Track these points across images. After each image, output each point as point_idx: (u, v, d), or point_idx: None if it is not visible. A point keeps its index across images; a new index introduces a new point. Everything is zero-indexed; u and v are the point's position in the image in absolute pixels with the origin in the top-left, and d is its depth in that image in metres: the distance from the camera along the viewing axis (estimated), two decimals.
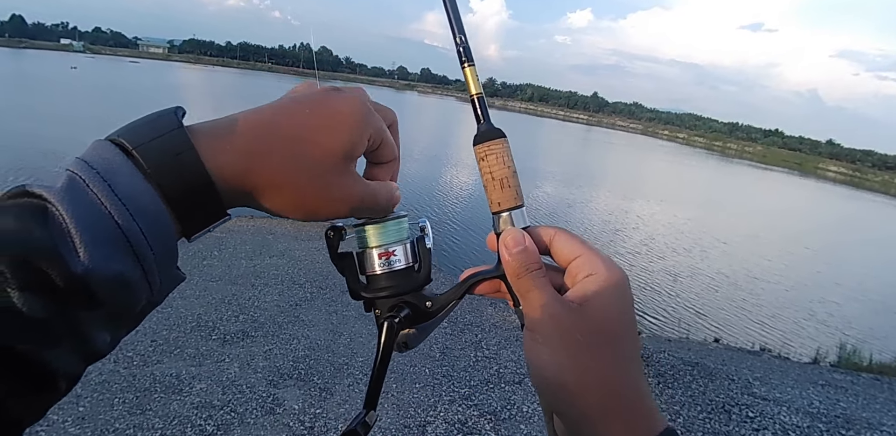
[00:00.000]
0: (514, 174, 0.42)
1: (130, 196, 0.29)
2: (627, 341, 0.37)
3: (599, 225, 12.73)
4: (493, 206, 0.42)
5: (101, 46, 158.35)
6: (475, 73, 0.43)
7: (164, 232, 0.30)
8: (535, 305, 0.38)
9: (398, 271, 0.43)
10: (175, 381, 3.34)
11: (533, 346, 0.37)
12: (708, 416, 3.82)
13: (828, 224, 23.49)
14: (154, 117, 0.32)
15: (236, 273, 5.34)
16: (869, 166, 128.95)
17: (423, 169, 15.58)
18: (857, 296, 10.43)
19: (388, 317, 0.42)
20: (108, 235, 0.27)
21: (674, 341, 6.07)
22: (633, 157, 46.90)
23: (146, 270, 0.29)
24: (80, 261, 0.26)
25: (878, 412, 4.24)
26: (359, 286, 0.44)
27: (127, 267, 0.28)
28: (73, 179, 0.28)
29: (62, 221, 0.26)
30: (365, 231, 0.44)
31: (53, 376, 0.27)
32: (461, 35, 0.42)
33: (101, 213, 0.28)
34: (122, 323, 0.31)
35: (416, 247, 0.44)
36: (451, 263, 7.49)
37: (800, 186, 51.32)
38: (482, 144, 0.42)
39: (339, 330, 4.35)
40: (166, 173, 0.30)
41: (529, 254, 0.39)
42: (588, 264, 0.38)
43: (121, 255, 0.28)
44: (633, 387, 0.37)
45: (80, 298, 0.27)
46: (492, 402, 3.62)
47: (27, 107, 18.92)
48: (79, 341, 0.28)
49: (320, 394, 3.42)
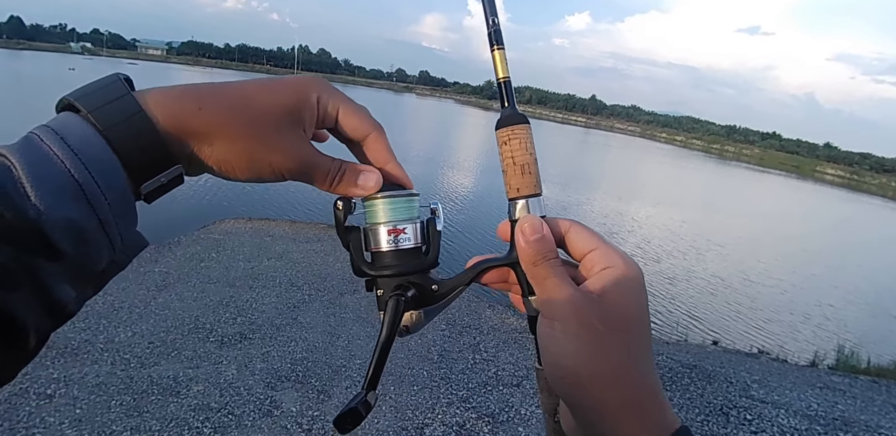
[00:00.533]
0: (535, 161, 0.42)
1: (82, 147, 0.30)
2: (644, 334, 0.37)
3: (596, 228, 12.73)
4: (510, 192, 0.41)
5: (100, 48, 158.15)
6: (504, 57, 0.42)
7: (117, 180, 0.31)
8: (554, 293, 0.37)
9: (405, 250, 0.42)
10: (172, 383, 3.33)
11: (551, 334, 0.37)
12: (706, 419, 3.82)
13: (825, 227, 23.55)
14: (102, 83, 0.34)
15: (234, 275, 5.33)
16: (866, 169, 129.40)
17: (422, 171, 15.61)
18: (854, 299, 10.45)
19: (396, 294, 0.40)
20: (61, 181, 0.28)
21: (672, 343, 6.07)
22: (631, 159, 46.99)
23: (102, 220, 0.30)
24: (31, 204, 0.27)
25: (876, 415, 4.24)
26: (363, 262, 0.42)
27: (81, 214, 0.29)
28: (29, 136, 0.30)
29: (14, 169, 0.27)
30: (375, 205, 0.42)
31: (16, 323, 0.27)
32: (493, 17, 0.41)
33: (52, 161, 0.29)
34: (85, 279, 0.31)
35: (426, 227, 0.43)
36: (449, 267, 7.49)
37: (797, 188, 51.46)
38: (506, 128, 0.41)
39: (337, 332, 4.34)
40: (118, 131, 0.32)
41: (547, 242, 0.39)
42: (605, 257, 0.38)
43: (74, 201, 0.29)
44: (649, 381, 0.36)
45: (36, 243, 0.27)
46: (490, 404, 3.61)
47: (25, 108, 18.88)
48: (40, 289, 0.28)
49: (318, 396, 3.41)
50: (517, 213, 0.41)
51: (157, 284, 4.83)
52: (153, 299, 4.52)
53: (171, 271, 5.17)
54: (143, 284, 4.80)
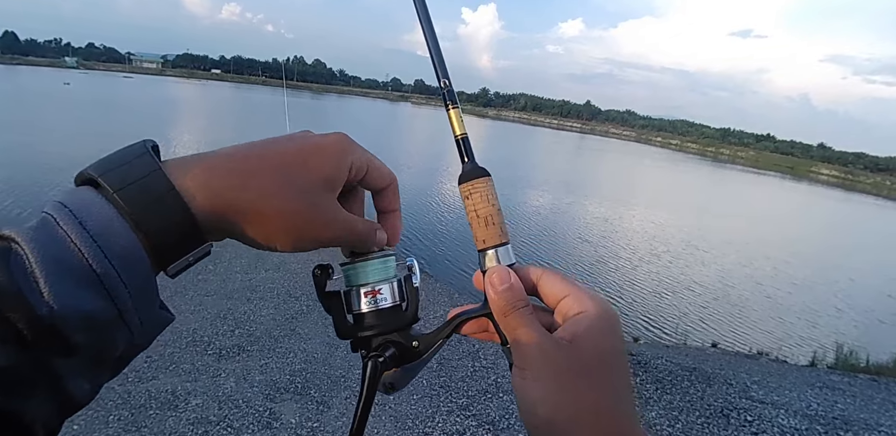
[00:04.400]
0: (499, 212, 0.43)
1: (101, 233, 0.28)
2: (619, 375, 0.37)
3: (593, 233, 12.76)
4: (478, 243, 0.42)
5: (95, 62, 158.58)
6: (459, 115, 0.44)
7: (140, 269, 0.29)
8: (525, 341, 0.37)
9: (385, 310, 0.43)
10: (171, 397, 3.32)
11: (523, 384, 0.36)
12: (707, 421, 3.81)
13: (822, 226, 23.61)
14: (128, 156, 0.32)
15: (232, 287, 5.32)
16: (861, 169, 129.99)
17: (417, 181, 15.65)
18: (852, 297, 10.46)
19: (373, 356, 0.41)
20: (76, 273, 0.27)
21: (671, 346, 6.07)
22: (626, 164, 47.13)
23: (121, 310, 0.28)
24: (44, 301, 0.25)
25: (876, 413, 4.24)
26: (345, 325, 0.44)
27: (98, 306, 0.27)
28: (45, 219, 0.28)
29: (26, 261, 0.26)
30: (352, 269, 0.43)
31: (29, 429, 0.26)
32: (445, 79, 0.43)
33: (68, 250, 0.27)
34: (102, 369, 0.30)
35: (402, 286, 0.44)
36: (451, 276, 7.50)
37: (793, 189, 51.64)
38: (467, 183, 0.43)
39: (335, 343, 4.33)
40: (146, 213, 0.30)
41: (515, 291, 0.39)
42: (577, 303, 0.38)
43: (91, 293, 0.27)
44: (627, 422, 0.35)
45: (51, 342, 0.26)
46: (490, 412, 3.61)
47: (20, 123, 18.90)
48: (54, 390, 0.27)
49: (317, 407, 3.40)
50: (486, 263, 0.42)
51: None
52: None
53: (167, 284, 5.15)
54: None
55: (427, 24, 0.43)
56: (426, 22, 0.43)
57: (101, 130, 17.78)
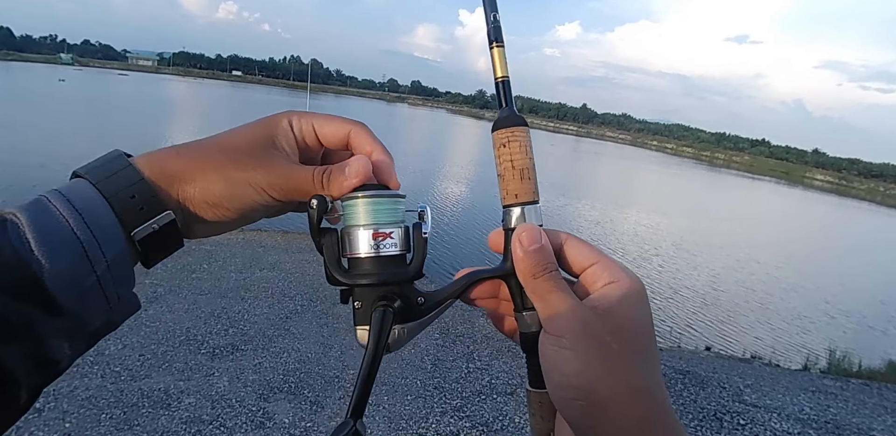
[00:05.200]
0: (534, 168, 0.39)
1: (85, 209, 0.32)
2: (653, 351, 0.35)
3: (585, 235, 12.79)
4: (507, 198, 0.38)
5: (90, 59, 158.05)
6: (503, 55, 0.39)
7: (117, 241, 0.33)
8: (559, 308, 0.34)
9: (387, 257, 0.37)
10: (163, 396, 3.30)
11: (558, 352, 0.34)
12: (700, 424, 3.83)
13: (816, 231, 23.76)
14: (107, 160, 0.36)
15: (226, 286, 5.30)
16: (855, 175, 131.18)
17: (411, 180, 15.64)
18: (844, 302, 10.52)
19: (382, 305, 0.36)
20: (63, 238, 0.30)
21: (665, 349, 6.08)
22: (621, 167, 47.30)
23: (100, 277, 0.32)
24: (35, 258, 0.29)
25: (868, 417, 4.27)
26: (339, 270, 0.38)
27: (81, 270, 0.30)
28: (39, 198, 0.32)
29: (20, 226, 0.29)
30: (355, 205, 0.38)
31: (8, 375, 0.27)
32: (494, 12, 0.39)
33: (57, 220, 0.30)
34: (80, 337, 0.32)
35: (410, 233, 0.39)
36: (439, 276, 7.49)
37: (787, 195, 51.96)
38: (505, 129, 0.38)
39: (329, 342, 4.32)
40: (110, 184, 0.34)
41: (547, 253, 0.36)
42: (607, 272, 0.36)
43: (76, 258, 0.30)
44: (662, 400, 0.34)
45: (37, 296, 0.28)
46: (484, 413, 3.60)
47: (14, 121, 18.79)
48: (35, 343, 0.28)
49: (311, 407, 3.39)
50: (513, 221, 0.38)
51: (148, 296, 4.79)
52: (144, 311, 4.48)
53: (161, 283, 5.13)
54: None
55: None
56: None
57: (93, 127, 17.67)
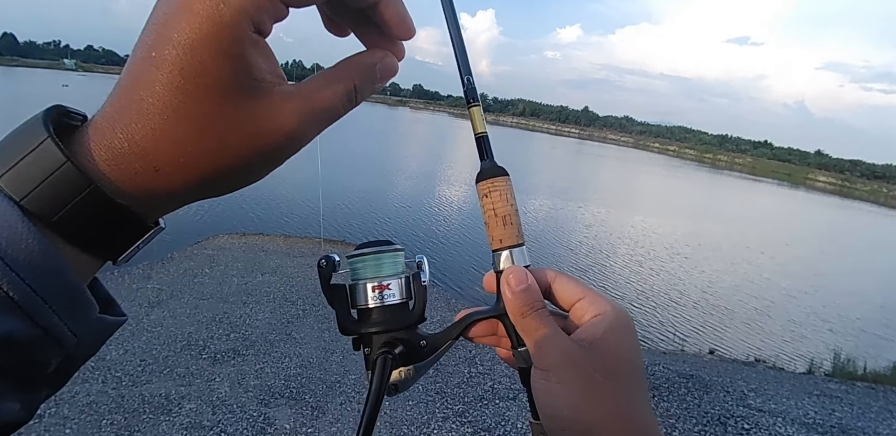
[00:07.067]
0: (517, 212, 0.42)
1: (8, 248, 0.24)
2: (639, 378, 0.37)
3: (591, 239, 12.77)
4: (494, 243, 0.42)
5: (94, 64, 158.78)
6: (481, 113, 0.43)
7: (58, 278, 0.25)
8: (546, 343, 0.36)
9: (391, 306, 0.41)
10: (164, 401, 3.29)
11: (547, 386, 0.36)
12: (703, 428, 3.80)
13: (819, 234, 23.68)
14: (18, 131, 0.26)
15: (227, 291, 5.30)
16: (857, 176, 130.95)
17: (415, 184, 15.65)
18: (850, 305, 10.47)
19: (383, 353, 0.39)
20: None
21: (669, 353, 6.06)
22: (624, 170, 47.28)
23: (45, 327, 0.25)
24: None
25: (874, 421, 4.23)
26: (349, 321, 0.42)
27: (16, 327, 0.24)
28: None
29: None
30: (360, 262, 0.42)
31: None
32: (468, 76, 0.42)
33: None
34: (34, 387, 0.27)
35: (411, 282, 0.43)
36: (452, 278, 7.48)
37: (790, 196, 51.83)
38: (486, 181, 0.42)
39: (331, 348, 4.31)
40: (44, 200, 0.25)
41: (533, 292, 0.39)
42: (594, 306, 0.38)
43: (7, 317, 0.24)
44: (649, 427, 0.36)
45: None
46: (486, 418, 3.58)
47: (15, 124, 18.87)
48: None
49: (312, 413, 3.37)
50: (501, 264, 0.41)
51: (150, 301, 4.80)
52: (145, 316, 4.48)
53: (163, 288, 5.14)
54: (135, 301, 4.76)
55: (453, 20, 0.42)
56: (452, 18, 0.42)
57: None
